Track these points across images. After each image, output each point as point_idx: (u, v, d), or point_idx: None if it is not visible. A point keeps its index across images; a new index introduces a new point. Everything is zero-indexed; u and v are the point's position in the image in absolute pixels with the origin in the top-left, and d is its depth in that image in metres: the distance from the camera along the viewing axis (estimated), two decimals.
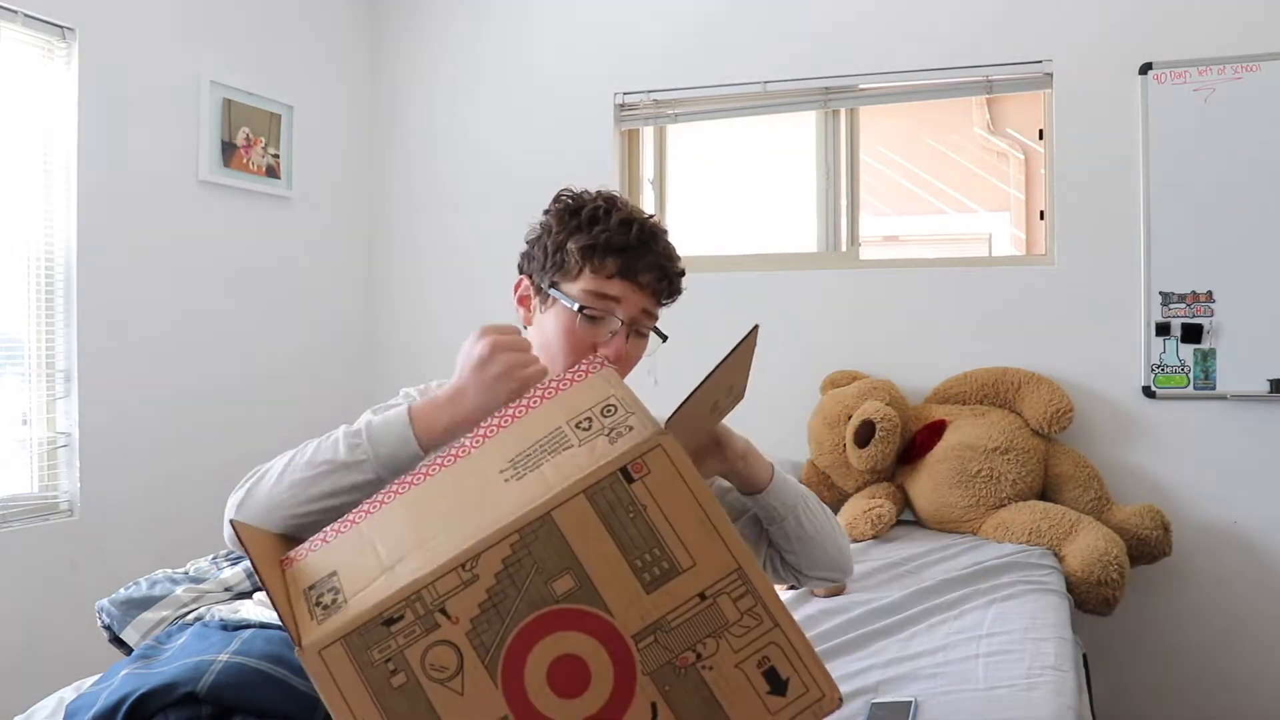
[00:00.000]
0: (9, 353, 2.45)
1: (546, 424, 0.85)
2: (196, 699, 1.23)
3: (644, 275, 1.23)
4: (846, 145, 3.25)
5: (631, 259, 1.22)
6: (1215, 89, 2.69)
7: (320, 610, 0.75)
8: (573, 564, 0.74)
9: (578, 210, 1.25)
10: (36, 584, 2.43)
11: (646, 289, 1.24)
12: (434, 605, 0.73)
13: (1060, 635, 1.80)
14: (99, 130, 2.57)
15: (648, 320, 1.26)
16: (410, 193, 3.57)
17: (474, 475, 0.83)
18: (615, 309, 1.22)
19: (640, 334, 1.27)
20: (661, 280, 1.25)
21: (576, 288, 1.23)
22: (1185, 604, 2.74)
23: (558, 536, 0.74)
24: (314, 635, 0.72)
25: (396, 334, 3.60)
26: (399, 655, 0.72)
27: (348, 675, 0.72)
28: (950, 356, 2.93)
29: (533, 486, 0.77)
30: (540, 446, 0.82)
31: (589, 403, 0.85)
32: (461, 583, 0.73)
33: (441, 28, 3.52)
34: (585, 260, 1.22)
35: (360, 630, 0.72)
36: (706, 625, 0.74)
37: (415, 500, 0.85)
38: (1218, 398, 2.70)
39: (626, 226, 1.23)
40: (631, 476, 0.76)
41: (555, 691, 0.73)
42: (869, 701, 1.51)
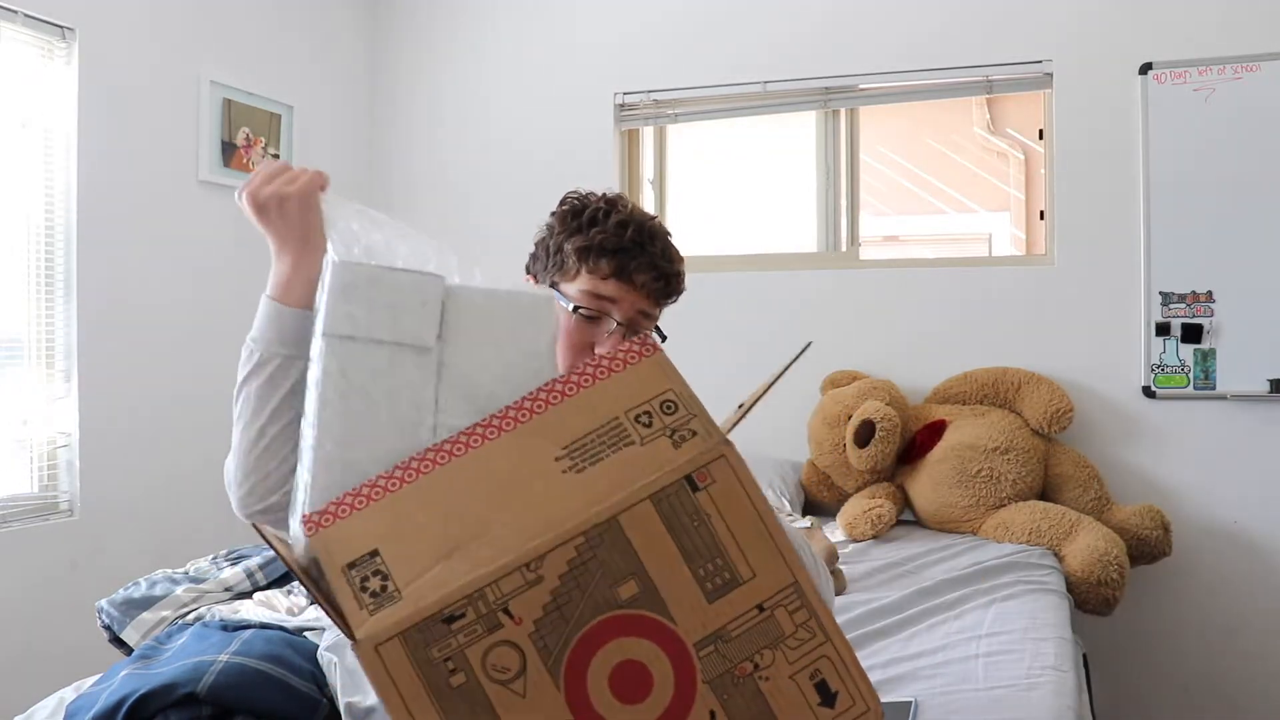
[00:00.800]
0: (9, 352, 2.45)
1: (602, 411, 0.83)
2: (196, 699, 1.23)
3: (639, 276, 1.23)
4: (846, 145, 3.25)
5: (626, 260, 1.23)
6: (1215, 89, 2.69)
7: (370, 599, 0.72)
8: (637, 569, 0.74)
9: (579, 212, 1.26)
10: (36, 584, 2.43)
11: (642, 290, 1.24)
12: (497, 605, 0.71)
13: (1060, 635, 1.80)
14: (99, 130, 2.57)
15: (646, 321, 1.27)
16: (410, 193, 3.57)
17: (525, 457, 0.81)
18: (611, 309, 1.23)
19: (638, 334, 1.24)
20: (658, 280, 1.25)
21: (574, 288, 1.24)
22: (1185, 604, 2.74)
23: (624, 541, 0.74)
24: (369, 628, 0.70)
25: None
26: (459, 654, 0.70)
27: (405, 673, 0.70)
28: (950, 356, 2.93)
29: (596, 484, 0.76)
30: (598, 438, 0.80)
31: (647, 394, 0.84)
32: (525, 583, 0.72)
33: (441, 28, 3.52)
34: (582, 261, 1.24)
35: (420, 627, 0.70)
36: (764, 637, 0.75)
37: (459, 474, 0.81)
38: (1218, 398, 2.70)
39: (623, 228, 1.24)
40: (696, 485, 0.76)
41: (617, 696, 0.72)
42: None
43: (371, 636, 0.70)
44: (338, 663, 1.40)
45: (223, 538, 2.67)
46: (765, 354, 3.12)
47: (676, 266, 1.29)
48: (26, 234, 2.46)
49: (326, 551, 0.76)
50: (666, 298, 1.28)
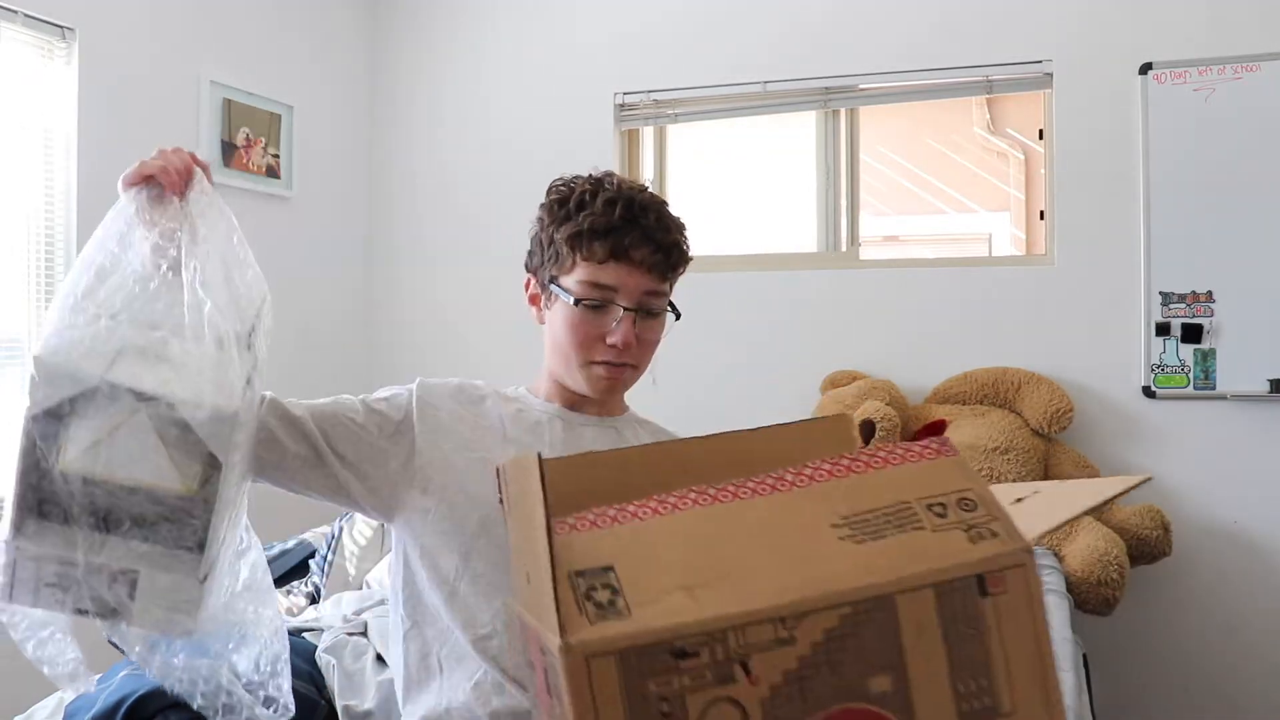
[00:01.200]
0: (9, 352, 2.45)
1: (891, 493, 0.74)
2: None
3: (637, 253, 1.17)
4: (846, 145, 3.25)
5: (619, 239, 1.16)
6: (1215, 89, 2.69)
7: (593, 608, 0.64)
8: (896, 664, 0.65)
9: (566, 199, 1.21)
10: None
11: (643, 267, 1.17)
12: (737, 654, 0.63)
13: (1060, 635, 1.80)
14: (99, 130, 2.57)
15: (655, 300, 1.20)
16: (410, 193, 3.57)
17: (796, 516, 0.72)
18: (614, 296, 1.17)
19: (652, 314, 1.21)
20: (657, 254, 1.18)
21: (573, 279, 1.19)
22: (1185, 604, 2.74)
23: (892, 626, 0.65)
24: (583, 635, 0.62)
25: (396, 334, 3.60)
26: (678, 697, 0.62)
27: (610, 696, 0.61)
28: (950, 356, 2.93)
29: (876, 558, 0.67)
30: (884, 515, 0.71)
31: (943, 487, 0.74)
32: (775, 639, 0.63)
33: (441, 28, 3.52)
34: (574, 249, 1.18)
35: (643, 651, 0.62)
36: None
37: (719, 517, 0.73)
38: (1218, 398, 2.70)
39: (611, 206, 1.17)
40: (986, 589, 0.67)
41: None
42: None
43: (585, 645, 0.61)
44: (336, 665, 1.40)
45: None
46: (765, 354, 3.13)
47: (674, 236, 1.22)
48: (26, 234, 2.46)
49: (560, 558, 0.68)
50: (671, 271, 1.21)
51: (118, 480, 0.87)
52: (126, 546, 0.88)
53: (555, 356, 1.23)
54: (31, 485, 0.86)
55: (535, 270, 1.26)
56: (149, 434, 0.88)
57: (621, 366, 1.19)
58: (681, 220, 1.24)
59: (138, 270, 0.96)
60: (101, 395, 0.87)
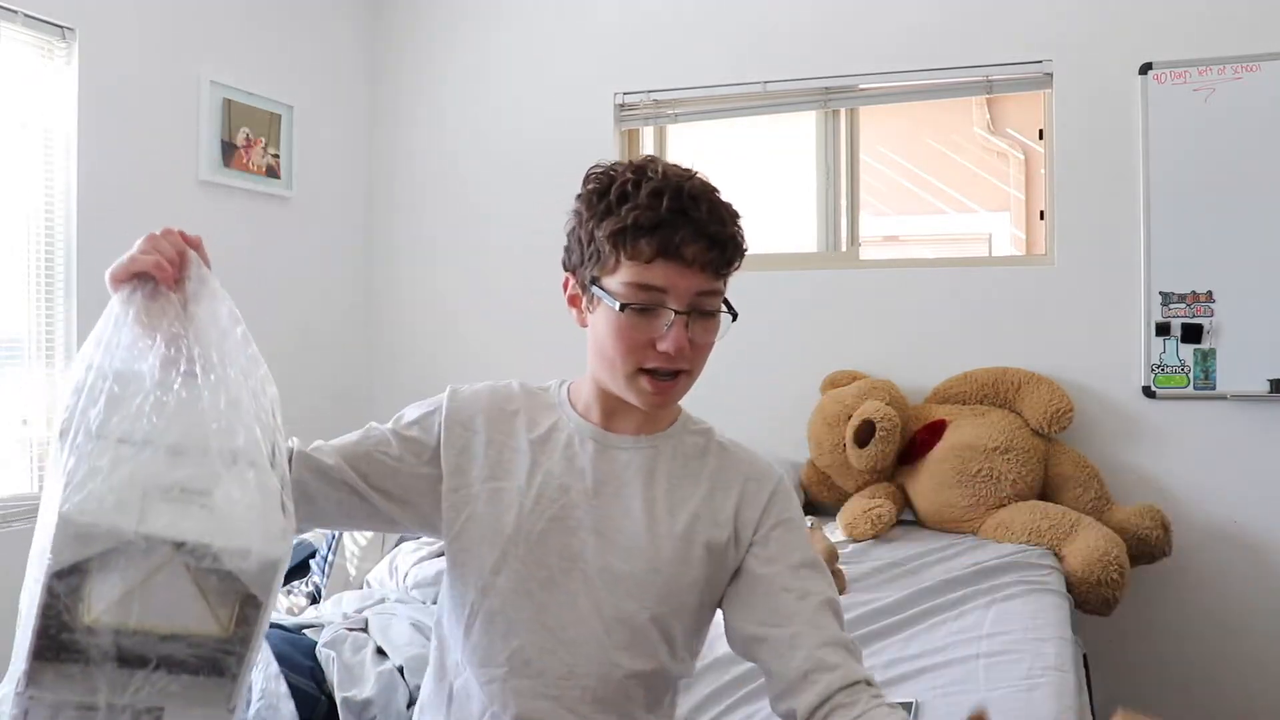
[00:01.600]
0: (9, 352, 2.45)
1: None
2: None
3: (688, 250, 1.04)
4: (846, 145, 3.25)
5: (669, 235, 1.04)
6: (1215, 89, 2.69)
7: None
8: None
9: (606, 189, 1.07)
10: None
11: (695, 265, 1.04)
12: None
13: (1060, 636, 1.80)
14: (99, 130, 2.57)
15: (709, 300, 1.08)
16: (410, 193, 3.57)
17: None
18: (664, 299, 1.05)
19: (706, 314, 1.08)
20: (712, 250, 1.05)
21: (617, 281, 1.06)
22: (1185, 604, 2.74)
23: None
24: None
25: (396, 334, 3.60)
26: None
27: None
28: (950, 356, 2.93)
29: None
30: None
31: None
32: None
33: (441, 28, 3.52)
34: (618, 248, 1.05)
35: None
36: None
37: None
38: (1218, 398, 2.70)
39: (658, 198, 1.04)
40: None
41: None
42: None
43: None
44: (335, 658, 1.39)
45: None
46: (765, 354, 3.13)
47: (730, 229, 1.08)
48: (26, 234, 2.46)
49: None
50: (726, 266, 1.08)
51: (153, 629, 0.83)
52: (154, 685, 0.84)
53: (600, 363, 1.11)
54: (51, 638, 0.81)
55: (574, 270, 1.13)
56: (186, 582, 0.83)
57: (674, 376, 1.09)
58: (735, 209, 1.11)
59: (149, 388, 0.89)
60: (135, 549, 0.82)
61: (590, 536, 1.09)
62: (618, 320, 1.06)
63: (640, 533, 1.10)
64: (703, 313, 1.07)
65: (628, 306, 1.05)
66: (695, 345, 1.08)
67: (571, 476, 1.12)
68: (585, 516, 1.10)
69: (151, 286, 0.99)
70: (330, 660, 1.36)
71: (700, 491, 1.14)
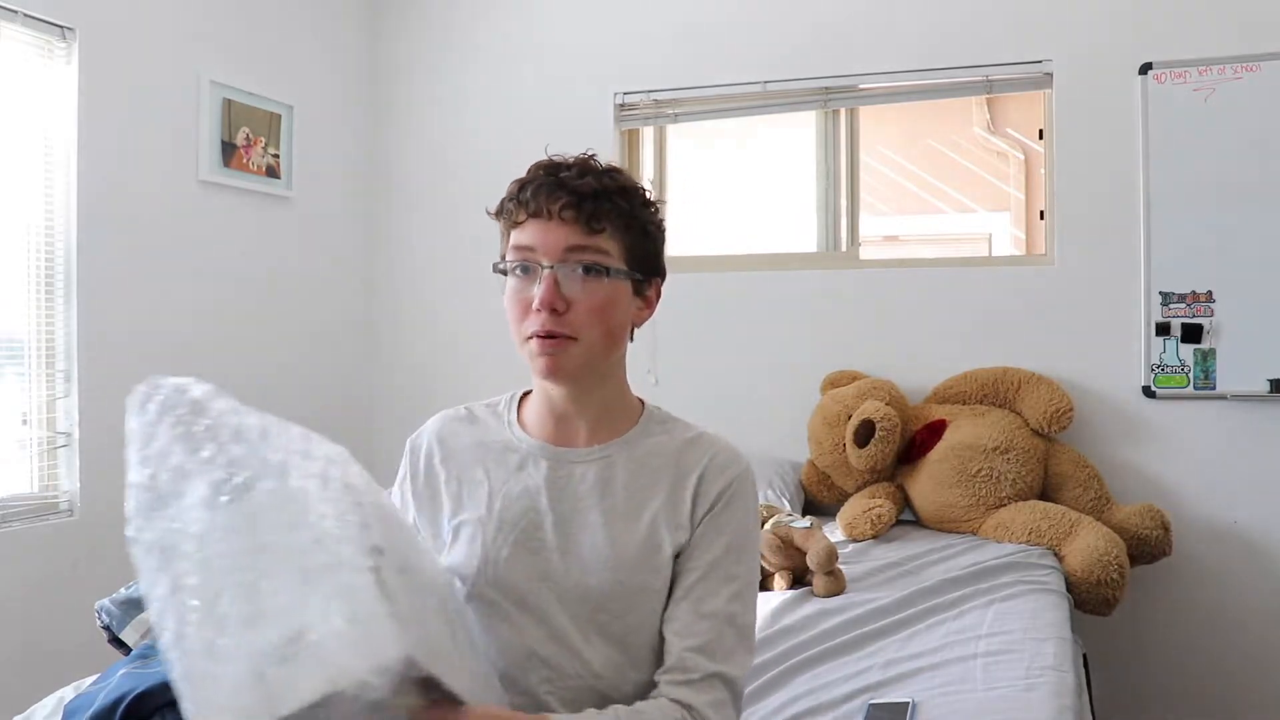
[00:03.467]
0: (9, 352, 2.45)
1: None
2: None
3: (553, 204, 1.06)
4: (846, 145, 3.25)
5: (537, 194, 1.07)
6: (1215, 89, 2.69)
7: None
8: None
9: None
10: (36, 584, 2.43)
11: (560, 219, 1.06)
12: None
13: (1060, 635, 1.80)
14: (99, 130, 2.57)
15: (584, 256, 1.06)
16: (410, 193, 3.57)
17: None
18: (535, 256, 1.07)
19: (596, 273, 1.07)
20: (580, 204, 1.06)
21: (505, 255, 1.11)
22: (1185, 604, 2.74)
23: None
24: None
25: (396, 334, 3.60)
26: None
27: None
28: (950, 356, 2.93)
29: None
30: None
31: None
32: None
33: (441, 28, 3.52)
34: (504, 220, 1.12)
35: None
36: None
37: None
38: (1218, 398, 2.70)
39: (536, 169, 1.10)
40: None
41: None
42: (867, 702, 1.51)
43: None
44: None
45: None
46: (765, 354, 3.13)
47: (603, 182, 1.08)
48: (26, 233, 2.46)
49: None
50: (597, 220, 1.07)
51: None
52: None
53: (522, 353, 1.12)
54: None
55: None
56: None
57: (557, 340, 1.06)
58: (630, 178, 1.13)
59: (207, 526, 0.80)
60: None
61: (555, 555, 1.09)
62: (506, 289, 1.10)
63: (601, 544, 1.09)
64: (586, 270, 1.06)
65: (506, 271, 1.10)
66: (577, 306, 1.06)
67: (529, 497, 1.12)
68: (549, 535, 1.10)
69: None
70: None
71: (660, 495, 1.11)
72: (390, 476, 1.24)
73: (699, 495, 1.11)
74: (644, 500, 1.11)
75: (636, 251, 1.11)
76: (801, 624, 1.90)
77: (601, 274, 1.07)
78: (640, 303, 1.15)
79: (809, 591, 2.11)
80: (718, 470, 1.12)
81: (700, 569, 1.08)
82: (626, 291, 1.11)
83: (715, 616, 1.06)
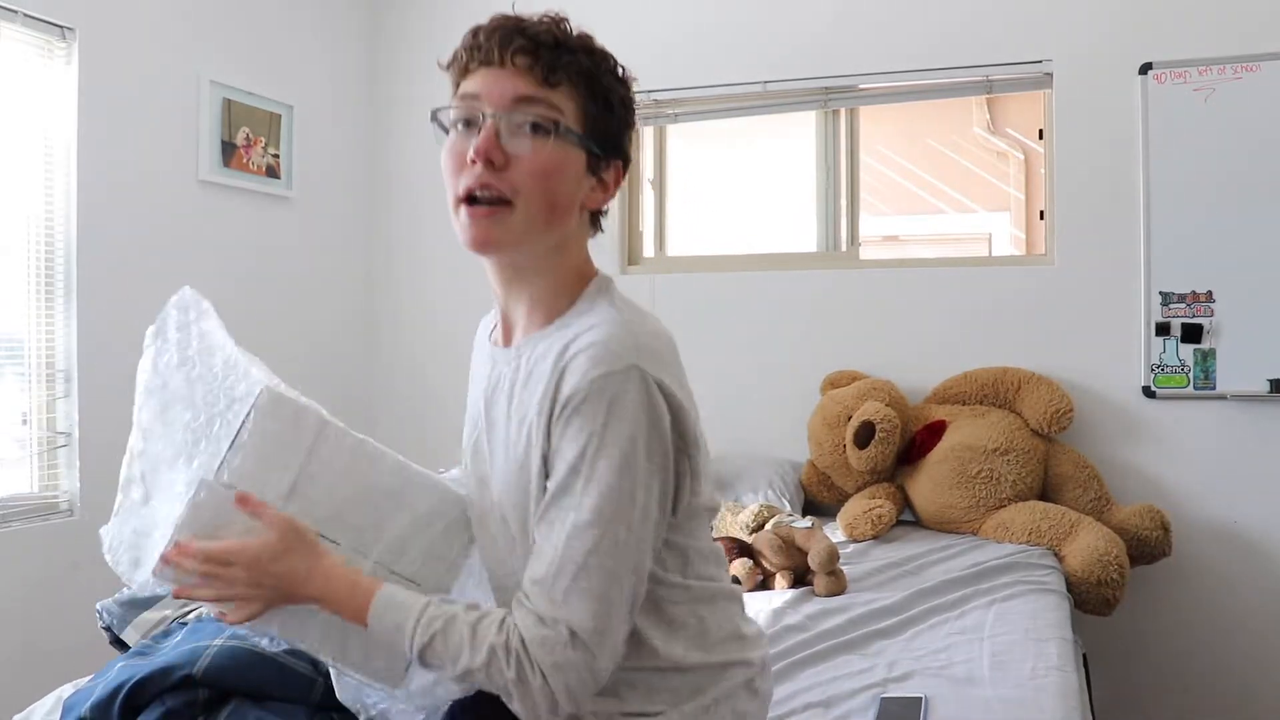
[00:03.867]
0: (9, 352, 2.45)
1: None
2: (193, 682, 1.23)
3: (505, 51, 0.96)
4: (846, 145, 3.25)
5: (490, 37, 0.98)
6: (1215, 89, 2.69)
7: None
8: None
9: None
10: (36, 584, 2.43)
11: (512, 67, 0.96)
12: None
13: (1061, 636, 1.80)
14: (99, 130, 2.57)
15: (532, 109, 0.96)
16: (410, 193, 3.57)
17: None
18: (479, 105, 0.97)
19: (544, 131, 0.96)
20: (541, 50, 0.96)
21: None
22: (1185, 604, 2.74)
23: None
24: None
25: (396, 333, 3.60)
26: None
27: None
28: (950, 356, 2.93)
29: None
30: None
31: None
32: None
33: (441, 27, 3.52)
34: (452, 71, 1.03)
35: None
36: None
37: None
38: (1218, 398, 2.70)
39: (495, 17, 1.01)
40: None
41: None
42: (878, 696, 1.51)
43: None
44: None
45: None
46: (765, 354, 3.13)
47: (566, 36, 0.99)
48: (27, 233, 2.46)
49: None
50: (553, 72, 0.97)
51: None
52: None
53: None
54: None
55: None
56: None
57: (492, 206, 0.95)
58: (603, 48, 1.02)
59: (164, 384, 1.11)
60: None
61: (487, 466, 1.06)
62: (444, 146, 1.00)
63: (499, 458, 1.03)
64: (532, 127, 0.96)
65: (438, 115, 1.00)
66: (519, 165, 0.96)
67: (475, 407, 1.12)
68: (484, 447, 1.07)
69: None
70: None
71: (535, 399, 0.97)
72: None
73: (556, 397, 0.94)
74: (525, 407, 0.99)
75: (596, 121, 0.99)
76: (803, 623, 1.90)
77: (549, 132, 0.96)
78: (594, 182, 1.02)
79: (810, 591, 2.11)
80: (577, 368, 0.93)
81: (551, 489, 0.95)
82: (579, 162, 0.99)
83: (555, 551, 0.92)
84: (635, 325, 0.97)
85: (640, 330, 0.98)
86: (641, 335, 0.97)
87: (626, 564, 0.93)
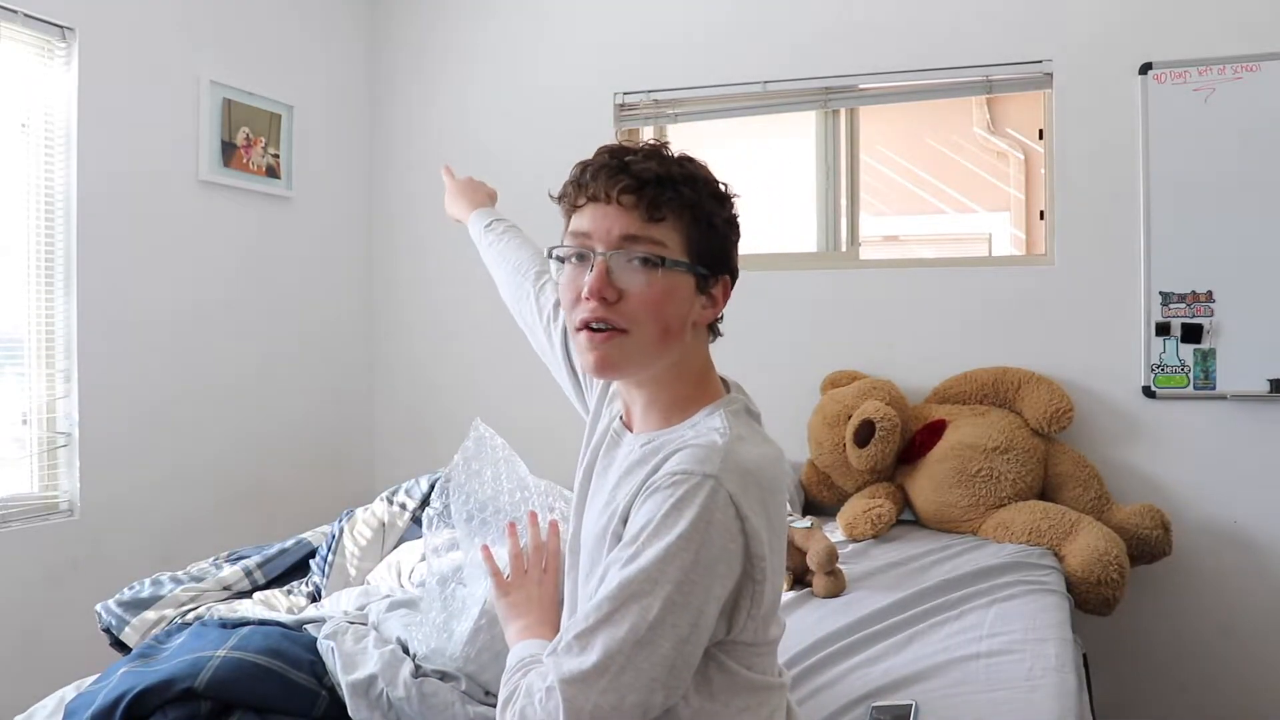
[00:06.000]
0: (9, 352, 2.45)
1: None
2: (195, 694, 1.23)
3: (612, 188, 1.00)
4: (846, 145, 3.25)
5: (596, 177, 1.02)
6: (1215, 89, 2.69)
7: None
8: None
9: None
10: (36, 584, 2.43)
11: (618, 205, 1.01)
12: None
13: (1061, 636, 1.80)
14: (99, 130, 2.57)
15: (638, 246, 1.00)
16: (410, 192, 3.57)
17: None
18: (590, 243, 1.02)
19: (652, 265, 1.01)
20: (641, 189, 1.00)
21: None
22: (1185, 603, 2.74)
23: None
24: None
25: (396, 334, 3.60)
26: None
27: None
28: (950, 356, 2.93)
29: None
30: None
31: None
32: None
33: (441, 27, 3.52)
34: (564, 203, 1.07)
35: None
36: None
37: None
38: (1218, 398, 2.70)
39: (600, 153, 1.05)
40: None
41: None
42: (869, 705, 1.51)
43: None
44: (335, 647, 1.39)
45: (223, 537, 2.67)
46: (765, 354, 3.13)
47: (669, 169, 1.03)
48: (26, 233, 2.46)
49: None
50: (657, 208, 1.01)
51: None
52: None
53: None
54: None
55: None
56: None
57: (607, 333, 1.00)
58: (704, 169, 1.08)
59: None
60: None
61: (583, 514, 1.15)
62: (561, 277, 1.06)
63: (587, 527, 1.11)
64: (640, 261, 1.00)
65: (555, 252, 1.06)
66: (628, 297, 1.00)
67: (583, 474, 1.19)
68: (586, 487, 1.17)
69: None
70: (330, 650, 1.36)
71: (630, 488, 1.02)
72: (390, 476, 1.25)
73: (643, 486, 0.99)
74: (620, 491, 1.04)
75: (700, 245, 1.04)
76: (802, 624, 1.89)
77: (657, 266, 1.01)
78: (704, 300, 1.07)
79: (809, 592, 2.11)
80: (666, 466, 0.98)
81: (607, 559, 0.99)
82: (687, 286, 1.04)
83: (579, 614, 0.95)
84: (737, 444, 1.00)
85: (739, 450, 0.99)
86: (740, 455, 0.98)
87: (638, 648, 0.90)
